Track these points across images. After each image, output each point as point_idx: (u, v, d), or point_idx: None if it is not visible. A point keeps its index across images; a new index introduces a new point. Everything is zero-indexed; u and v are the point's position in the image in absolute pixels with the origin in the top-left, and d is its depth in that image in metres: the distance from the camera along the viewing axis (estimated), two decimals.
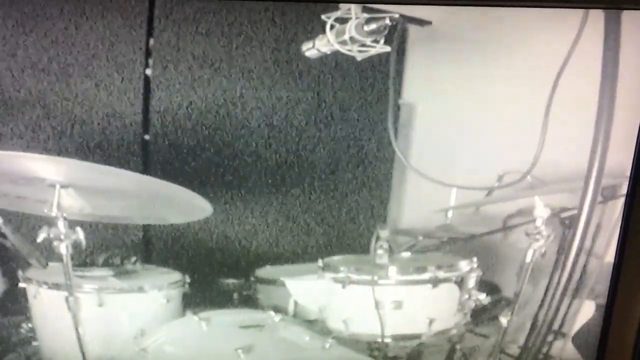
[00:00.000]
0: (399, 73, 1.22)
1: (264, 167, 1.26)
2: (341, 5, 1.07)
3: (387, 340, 1.19)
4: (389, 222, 1.31)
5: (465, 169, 1.24)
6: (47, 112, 1.20)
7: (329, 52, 1.13)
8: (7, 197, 1.17)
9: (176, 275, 1.26)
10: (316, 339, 1.17)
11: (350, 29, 1.07)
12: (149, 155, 1.25)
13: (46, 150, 1.20)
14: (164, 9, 1.16)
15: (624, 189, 1.05)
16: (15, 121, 1.20)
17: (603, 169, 1.09)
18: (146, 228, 1.30)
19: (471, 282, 1.22)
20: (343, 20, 1.08)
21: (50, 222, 1.09)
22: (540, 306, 1.20)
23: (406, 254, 1.28)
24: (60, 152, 1.21)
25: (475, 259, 1.23)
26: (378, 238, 1.18)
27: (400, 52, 1.18)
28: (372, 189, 1.29)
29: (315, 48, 1.14)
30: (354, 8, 1.06)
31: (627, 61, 1.04)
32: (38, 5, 1.14)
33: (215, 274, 1.32)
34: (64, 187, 1.09)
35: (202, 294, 1.30)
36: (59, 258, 1.10)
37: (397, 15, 1.07)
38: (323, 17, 1.09)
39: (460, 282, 1.20)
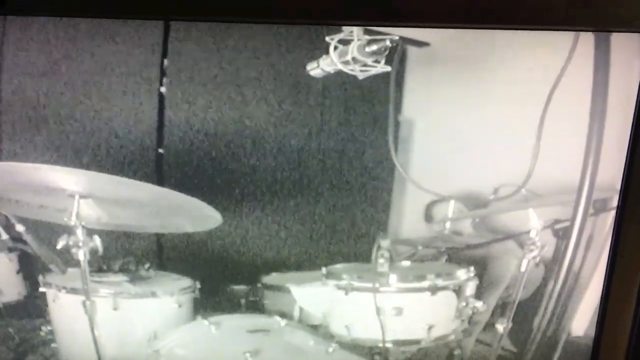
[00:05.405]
0: (399, 91, 1.24)
1: (270, 180, 1.29)
2: (344, 27, 1.10)
3: (388, 345, 1.22)
4: (389, 232, 1.34)
5: (462, 182, 1.26)
6: (68, 127, 1.25)
7: (332, 72, 1.17)
8: (30, 206, 1.21)
9: (187, 282, 1.30)
10: (320, 343, 1.20)
11: (352, 50, 1.11)
12: (162, 167, 1.28)
13: (67, 163, 1.24)
14: (177, 32, 1.20)
15: (614, 202, 1.07)
16: (39, 135, 1.25)
17: (594, 183, 1.13)
18: (159, 236, 1.34)
19: (468, 290, 1.25)
20: (346, 42, 1.12)
21: (69, 230, 1.14)
22: (535, 315, 1.23)
23: (406, 263, 1.30)
24: (80, 164, 1.25)
25: (472, 268, 1.26)
26: (379, 247, 1.21)
27: (400, 71, 1.21)
28: (373, 201, 1.32)
29: (319, 68, 1.18)
30: (356, 30, 1.10)
31: (616, 80, 1.07)
32: (60, 28, 1.19)
33: (224, 281, 1.35)
34: (83, 198, 1.14)
35: (212, 299, 1.33)
36: (77, 264, 1.15)
37: (397, 37, 1.10)
38: (327, 39, 1.13)
39: (458, 290, 1.23)
